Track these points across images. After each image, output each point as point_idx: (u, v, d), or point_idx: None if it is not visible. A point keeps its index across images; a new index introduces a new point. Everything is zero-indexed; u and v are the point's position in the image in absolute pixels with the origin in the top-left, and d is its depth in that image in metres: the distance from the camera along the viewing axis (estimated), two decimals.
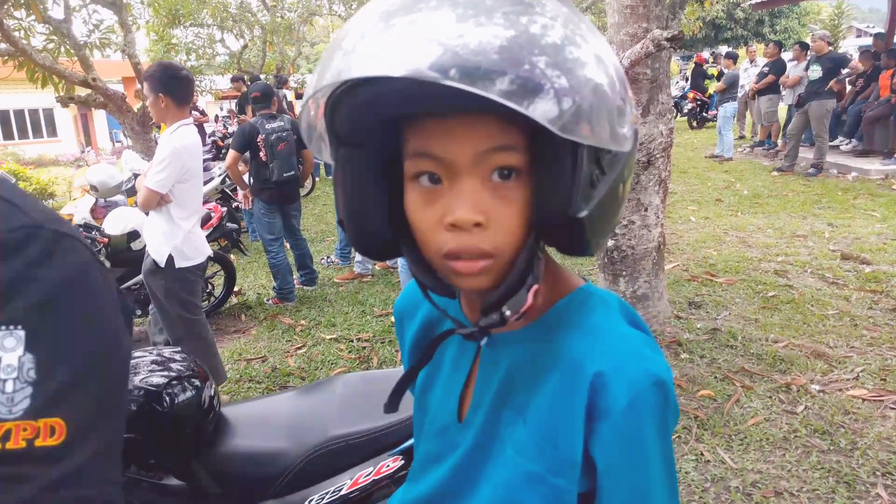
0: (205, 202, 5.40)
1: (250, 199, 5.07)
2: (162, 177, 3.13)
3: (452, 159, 0.60)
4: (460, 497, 0.75)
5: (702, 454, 2.82)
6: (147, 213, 3.32)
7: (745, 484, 2.60)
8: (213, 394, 1.81)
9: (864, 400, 3.16)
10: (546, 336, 0.70)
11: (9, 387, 0.55)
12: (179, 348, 1.89)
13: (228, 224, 5.14)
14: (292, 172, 5.00)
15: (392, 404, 0.78)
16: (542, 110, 0.53)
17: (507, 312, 0.63)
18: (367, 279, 5.54)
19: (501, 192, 0.61)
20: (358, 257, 5.63)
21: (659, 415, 0.64)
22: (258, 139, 4.86)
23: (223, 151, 7.94)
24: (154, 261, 3.25)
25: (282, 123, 4.94)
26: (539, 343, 0.71)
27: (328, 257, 6.25)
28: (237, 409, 1.98)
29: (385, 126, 0.63)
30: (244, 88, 9.43)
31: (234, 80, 11.11)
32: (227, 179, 6.52)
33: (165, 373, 1.75)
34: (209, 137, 8.38)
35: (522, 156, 0.60)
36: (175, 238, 3.23)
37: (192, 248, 3.31)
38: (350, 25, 0.61)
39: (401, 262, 4.53)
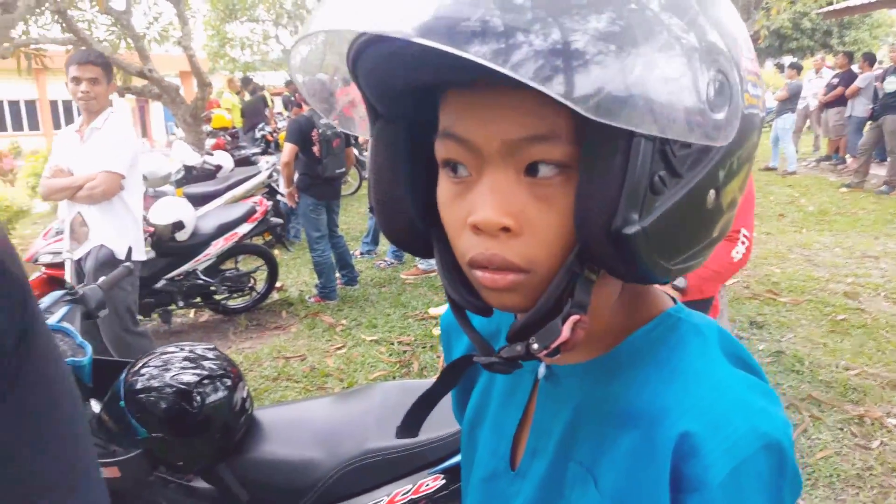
0: (249, 196, 5.37)
1: (296, 196, 4.98)
2: (125, 157, 2.94)
3: (479, 145, 0.47)
4: None
5: None
6: (96, 203, 2.98)
7: None
8: (245, 395, 1.71)
9: None
10: (617, 376, 0.54)
11: None
12: (213, 345, 1.78)
13: (273, 219, 5.08)
14: (343, 169, 5.01)
15: (408, 427, 0.64)
16: (582, 86, 0.37)
17: (535, 346, 0.48)
18: (411, 281, 5.42)
19: (541, 191, 0.46)
20: None
21: (772, 489, 0.47)
22: (313, 133, 4.78)
23: (270, 147, 7.91)
24: (112, 252, 2.98)
25: None
26: (606, 385, 0.54)
27: (359, 253, 6.19)
28: (270, 412, 1.89)
29: (424, 95, 0.50)
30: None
31: (288, 83, 11.21)
32: (274, 174, 6.47)
33: (197, 370, 1.65)
34: (258, 131, 8.39)
35: (569, 147, 0.45)
36: (136, 229, 3.11)
37: (142, 241, 3.24)
38: None
39: None
